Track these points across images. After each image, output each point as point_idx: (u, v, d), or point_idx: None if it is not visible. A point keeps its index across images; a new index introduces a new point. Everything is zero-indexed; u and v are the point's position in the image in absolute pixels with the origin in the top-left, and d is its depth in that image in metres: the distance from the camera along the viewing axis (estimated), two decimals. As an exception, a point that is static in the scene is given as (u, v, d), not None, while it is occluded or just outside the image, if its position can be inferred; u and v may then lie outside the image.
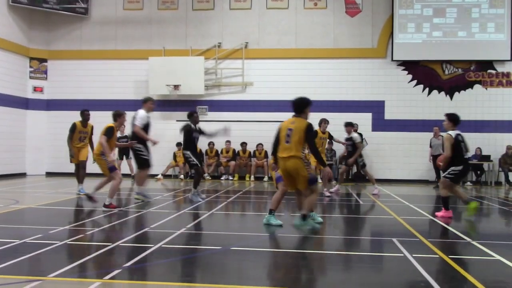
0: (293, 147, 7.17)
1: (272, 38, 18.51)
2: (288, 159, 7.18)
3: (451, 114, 9.43)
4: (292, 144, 7.18)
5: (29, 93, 18.93)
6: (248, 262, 5.64)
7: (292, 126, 7.27)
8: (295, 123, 7.30)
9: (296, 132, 7.18)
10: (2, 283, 4.53)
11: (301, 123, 7.27)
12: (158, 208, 9.73)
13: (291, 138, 7.18)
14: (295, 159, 7.14)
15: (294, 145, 7.16)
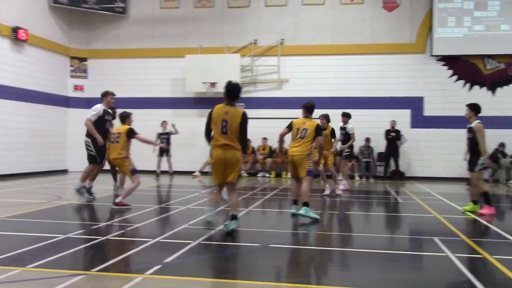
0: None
1: (308, 35, 18.40)
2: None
3: (473, 104, 9.32)
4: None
5: (70, 92, 19.39)
6: (286, 260, 5.63)
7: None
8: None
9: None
10: (47, 277, 4.65)
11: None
12: (196, 205, 9.81)
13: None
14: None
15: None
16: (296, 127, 8.48)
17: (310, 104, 8.82)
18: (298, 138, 8.39)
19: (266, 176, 17.68)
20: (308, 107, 8.76)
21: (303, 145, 8.36)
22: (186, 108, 18.98)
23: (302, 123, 8.52)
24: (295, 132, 8.45)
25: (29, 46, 16.91)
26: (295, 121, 8.62)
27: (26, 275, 4.68)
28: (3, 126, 15.44)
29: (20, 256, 5.44)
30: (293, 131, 8.49)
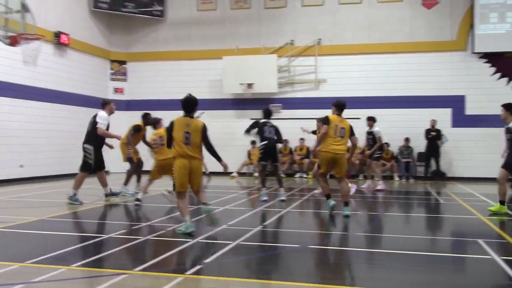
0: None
1: (346, 34, 18.23)
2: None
3: (509, 104, 9.04)
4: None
5: (110, 94, 19.78)
6: (325, 261, 5.59)
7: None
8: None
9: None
10: (91, 276, 4.75)
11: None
12: (234, 206, 9.85)
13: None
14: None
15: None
16: (334, 124, 8.49)
17: (343, 102, 8.94)
18: (339, 137, 8.47)
19: (304, 177, 17.60)
20: (342, 105, 8.86)
21: (344, 144, 8.53)
22: (224, 109, 19.08)
23: (339, 121, 8.56)
24: (334, 129, 8.46)
25: (71, 50, 17.35)
26: (331, 117, 8.59)
27: (70, 274, 4.79)
28: (46, 129, 15.88)
29: (64, 256, 5.58)
30: (331, 127, 8.46)
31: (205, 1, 19.43)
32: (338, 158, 8.46)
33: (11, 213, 8.55)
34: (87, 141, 9.92)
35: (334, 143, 8.44)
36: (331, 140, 8.46)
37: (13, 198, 10.64)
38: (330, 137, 8.46)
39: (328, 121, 8.51)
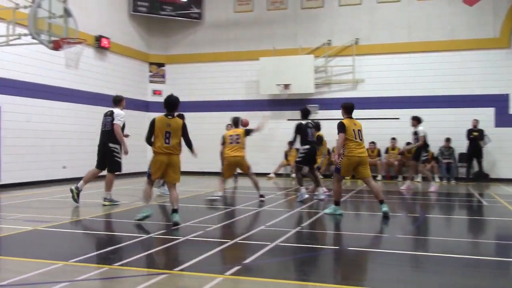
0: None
1: (384, 33, 17.98)
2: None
3: None
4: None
5: (149, 96, 20.13)
6: (365, 263, 5.51)
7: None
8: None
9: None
10: (132, 275, 4.83)
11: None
12: (272, 207, 9.85)
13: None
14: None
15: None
16: (351, 129, 8.56)
17: (351, 104, 9.00)
18: (358, 140, 8.59)
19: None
20: (351, 107, 8.93)
21: (364, 146, 8.77)
22: (260, 110, 19.09)
23: (353, 124, 8.65)
24: (352, 133, 8.52)
25: (111, 54, 17.72)
26: (346, 123, 8.60)
27: (113, 273, 4.88)
28: (89, 131, 16.23)
29: (106, 255, 5.70)
30: (349, 132, 8.50)
31: (241, 3, 19.53)
32: (363, 160, 8.58)
33: (54, 213, 8.79)
34: (111, 140, 9.73)
35: (357, 147, 8.53)
36: (354, 144, 8.50)
37: (56, 198, 10.94)
38: (352, 142, 8.50)
39: (344, 128, 8.50)
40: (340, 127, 8.56)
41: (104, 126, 9.86)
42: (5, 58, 13.11)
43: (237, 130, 10.63)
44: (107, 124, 9.79)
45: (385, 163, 17.20)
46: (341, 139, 8.55)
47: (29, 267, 5.08)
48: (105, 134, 9.80)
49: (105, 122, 9.85)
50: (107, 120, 9.83)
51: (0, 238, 6.77)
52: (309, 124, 10.89)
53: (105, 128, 9.82)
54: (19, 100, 13.66)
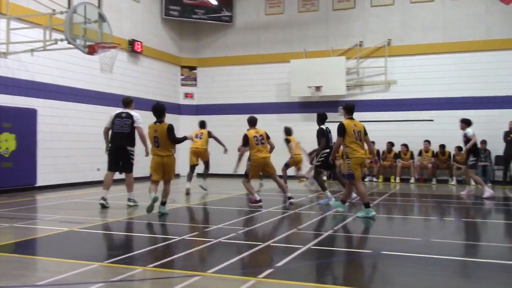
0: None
1: (417, 34, 17.72)
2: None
3: None
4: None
5: (181, 99, 20.33)
6: (400, 268, 5.42)
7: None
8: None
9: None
10: (166, 277, 4.87)
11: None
12: (303, 209, 9.80)
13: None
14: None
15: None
16: (352, 130, 8.70)
17: (352, 104, 9.16)
18: (358, 141, 8.76)
19: (374, 181, 17.23)
20: (352, 107, 9.06)
21: (363, 146, 8.95)
22: (291, 113, 19.08)
23: (354, 125, 8.77)
24: (352, 134, 8.69)
25: (144, 57, 17.97)
26: (347, 124, 8.73)
27: (147, 274, 4.93)
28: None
29: (140, 256, 5.76)
30: (350, 133, 8.67)
31: (273, 5, 19.54)
32: (364, 161, 8.98)
33: (89, 214, 8.95)
34: (129, 143, 9.73)
35: (359, 148, 8.73)
36: (355, 145, 8.69)
37: (91, 200, 11.13)
38: (354, 143, 8.68)
39: (344, 131, 8.65)
40: (340, 130, 8.70)
41: (120, 128, 9.67)
42: (42, 63, 13.44)
43: (259, 131, 10.35)
44: (125, 126, 9.68)
45: (418, 165, 16.91)
46: (337, 142, 8.78)
47: (65, 267, 5.17)
48: (124, 136, 9.68)
49: (122, 124, 9.67)
50: (125, 122, 9.68)
51: (37, 238, 6.93)
52: (328, 129, 10.81)
53: (123, 130, 9.66)
54: (55, 104, 13.98)
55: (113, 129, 9.70)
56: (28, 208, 10.06)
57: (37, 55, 12.83)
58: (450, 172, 16.58)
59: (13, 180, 12.58)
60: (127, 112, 9.86)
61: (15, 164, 12.55)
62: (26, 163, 12.89)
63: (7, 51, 12.34)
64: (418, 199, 12.57)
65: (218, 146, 13.15)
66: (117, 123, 9.71)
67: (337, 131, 8.72)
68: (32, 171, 13.13)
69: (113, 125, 9.71)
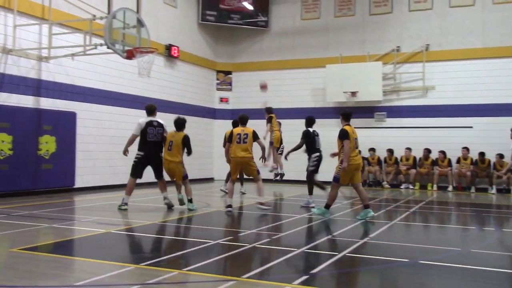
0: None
1: (456, 39, 17.36)
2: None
3: None
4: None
5: (216, 104, 20.46)
6: (440, 279, 5.28)
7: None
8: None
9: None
10: (201, 281, 4.88)
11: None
12: (338, 216, 9.69)
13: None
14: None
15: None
16: (352, 137, 8.98)
17: (349, 111, 9.52)
18: (355, 148, 9.12)
19: (410, 188, 16.93)
20: (349, 114, 9.42)
21: (358, 153, 9.31)
22: (326, 118, 18.92)
23: (352, 132, 9.05)
24: (353, 141, 8.98)
25: (180, 62, 18.18)
26: (349, 130, 9.00)
27: (182, 277, 4.96)
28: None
29: (176, 259, 5.80)
30: (352, 140, 8.94)
31: (309, 10, 19.49)
32: (359, 167, 9.25)
33: (125, 217, 9.08)
34: (161, 150, 10.05)
35: (354, 155, 9.02)
36: (353, 152, 8.99)
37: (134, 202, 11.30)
38: (352, 150, 8.96)
39: (348, 135, 8.88)
40: (344, 135, 8.89)
41: (154, 136, 9.93)
42: (82, 67, 13.75)
43: (246, 129, 10.02)
44: (158, 135, 9.98)
45: (457, 173, 16.51)
46: (347, 146, 8.84)
47: (102, 268, 5.25)
48: (157, 144, 10.02)
49: (156, 133, 9.95)
50: (157, 131, 9.97)
51: (76, 239, 7.07)
52: (315, 132, 10.99)
53: (156, 139, 9.96)
54: (93, 107, 14.27)
55: (147, 138, 9.89)
56: (66, 209, 10.28)
57: (77, 60, 13.15)
58: (490, 180, 16.13)
59: (53, 182, 12.89)
60: (157, 121, 10.12)
61: (55, 165, 12.86)
62: (65, 165, 13.19)
63: (49, 55, 12.68)
64: (456, 207, 12.28)
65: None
66: (150, 132, 9.93)
67: (342, 136, 8.93)
68: (71, 173, 13.43)
69: (146, 134, 9.90)
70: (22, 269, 5.12)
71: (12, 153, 11.77)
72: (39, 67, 12.69)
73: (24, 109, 12.21)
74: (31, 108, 12.42)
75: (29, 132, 12.23)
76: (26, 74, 12.35)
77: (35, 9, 12.58)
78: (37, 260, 5.57)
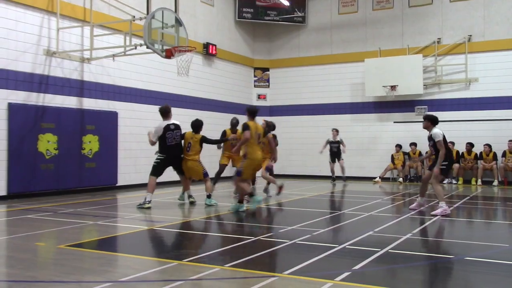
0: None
1: (500, 28, 16.82)
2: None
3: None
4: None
5: (254, 101, 20.50)
6: (487, 275, 5.15)
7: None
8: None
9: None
10: (243, 277, 4.91)
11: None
12: (379, 212, 9.57)
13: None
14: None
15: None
16: (254, 131, 9.18)
17: (256, 109, 9.66)
18: (258, 143, 9.43)
19: (453, 183, 16.54)
20: (256, 111, 9.57)
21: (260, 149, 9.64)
22: (365, 113, 18.73)
23: (256, 128, 9.30)
24: (254, 136, 9.18)
25: (218, 60, 18.30)
26: (252, 125, 9.17)
27: (224, 273, 5.00)
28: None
29: (217, 256, 5.85)
30: (252, 135, 9.10)
31: (346, 4, 19.28)
32: (261, 163, 9.86)
33: (167, 213, 9.21)
34: (181, 152, 10.38)
35: (257, 150, 9.34)
36: (255, 147, 9.30)
37: (169, 199, 11.47)
38: (254, 145, 9.23)
39: (249, 127, 9.06)
40: (245, 128, 8.98)
41: (173, 140, 10.19)
42: (122, 67, 14.02)
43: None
44: (177, 137, 10.26)
45: (502, 167, 16.01)
46: (245, 136, 8.92)
47: (146, 264, 5.35)
48: (178, 146, 10.34)
49: (174, 136, 10.22)
50: (176, 134, 10.25)
51: (119, 236, 7.22)
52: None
53: (176, 141, 10.26)
54: (134, 106, 14.53)
55: (167, 143, 10.13)
56: (110, 206, 10.52)
57: (118, 60, 13.41)
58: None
59: (96, 180, 13.21)
60: (174, 124, 10.33)
61: (98, 164, 13.17)
62: (108, 164, 13.50)
63: (91, 57, 12.99)
64: (502, 202, 11.94)
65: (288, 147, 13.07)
66: (169, 137, 10.18)
67: (242, 128, 9.07)
68: (114, 171, 13.73)
69: (166, 139, 10.13)
70: (70, 265, 5.27)
71: (57, 152, 12.12)
72: (81, 68, 13.02)
73: (68, 109, 12.55)
74: (74, 108, 12.76)
75: (73, 132, 12.57)
76: (69, 76, 12.69)
77: (77, 12, 12.89)
78: (84, 256, 5.73)
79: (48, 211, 9.35)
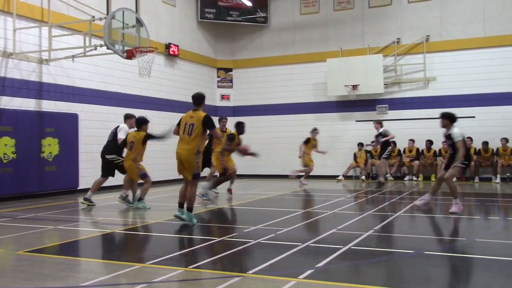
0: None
1: (456, 28, 17.31)
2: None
3: None
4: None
5: (218, 101, 20.47)
6: (443, 269, 5.29)
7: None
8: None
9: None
10: (207, 278, 4.90)
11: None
12: (342, 209, 9.70)
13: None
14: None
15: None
16: (184, 122, 8.18)
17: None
18: (186, 135, 8.23)
19: (414, 180, 16.91)
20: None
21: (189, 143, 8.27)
22: (328, 112, 18.96)
23: (190, 118, 8.13)
24: (182, 127, 8.15)
25: (180, 60, 18.18)
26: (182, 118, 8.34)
27: (188, 275, 4.97)
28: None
29: (181, 257, 5.82)
30: (181, 125, 8.19)
31: (308, 5, 19.46)
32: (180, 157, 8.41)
33: (130, 216, 9.10)
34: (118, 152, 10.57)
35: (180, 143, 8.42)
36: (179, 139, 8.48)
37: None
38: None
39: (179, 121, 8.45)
40: (213, 125, 8.19)
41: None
42: (82, 69, 13.77)
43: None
44: (109, 135, 10.75)
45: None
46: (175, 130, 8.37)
47: (108, 268, 5.28)
48: (107, 146, 10.74)
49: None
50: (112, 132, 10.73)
51: (81, 240, 7.09)
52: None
53: (109, 139, 10.69)
54: (95, 108, 14.29)
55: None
56: (71, 210, 10.31)
57: (77, 61, 13.16)
58: (493, 169, 16.12)
59: (57, 184, 12.93)
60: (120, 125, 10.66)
61: (58, 167, 12.90)
62: (68, 167, 13.23)
63: (50, 58, 12.70)
64: (460, 198, 12.26)
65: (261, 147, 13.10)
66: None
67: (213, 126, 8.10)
68: (75, 174, 13.46)
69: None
70: (30, 271, 5.14)
71: (15, 156, 11.81)
72: (40, 69, 12.73)
73: (26, 112, 12.24)
74: (33, 111, 12.45)
75: (31, 135, 12.26)
76: (27, 77, 12.38)
77: (35, 12, 12.59)
78: (44, 262, 5.60)
79: (6, 216, 9.10)
